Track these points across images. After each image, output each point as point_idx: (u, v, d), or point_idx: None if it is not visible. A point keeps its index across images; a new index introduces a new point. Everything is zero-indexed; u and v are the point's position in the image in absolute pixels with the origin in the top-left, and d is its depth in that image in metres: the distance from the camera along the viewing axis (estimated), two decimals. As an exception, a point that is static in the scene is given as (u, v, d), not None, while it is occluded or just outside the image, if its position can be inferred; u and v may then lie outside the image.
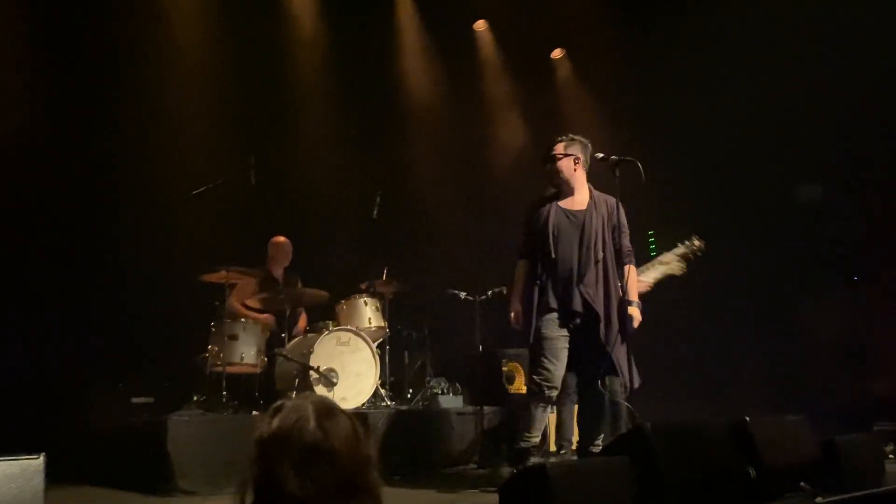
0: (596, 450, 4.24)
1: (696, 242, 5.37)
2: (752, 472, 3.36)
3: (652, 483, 3.01)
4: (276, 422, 1.54)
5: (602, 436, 4.32)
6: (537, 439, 4.28)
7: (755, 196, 7.19)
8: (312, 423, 1.52)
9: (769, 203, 6.96)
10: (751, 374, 6.29)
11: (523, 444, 4.24)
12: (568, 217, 4.38)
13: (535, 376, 4.22)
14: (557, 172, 4.41)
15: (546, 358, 4.19)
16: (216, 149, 6.77)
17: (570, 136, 4.47)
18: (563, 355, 4.23)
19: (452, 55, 8.53)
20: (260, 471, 1.51)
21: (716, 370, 6.96)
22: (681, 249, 5.42)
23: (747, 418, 3.52)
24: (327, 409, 1.58)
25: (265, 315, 6.19)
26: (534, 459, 4.17)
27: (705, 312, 6.79)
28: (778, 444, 3.53)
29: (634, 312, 4.32)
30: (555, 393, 4.24)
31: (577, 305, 4.26)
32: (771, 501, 3.32)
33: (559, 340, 4.22)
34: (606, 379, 5.48)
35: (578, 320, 4.29)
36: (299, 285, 6.33)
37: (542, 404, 4.24)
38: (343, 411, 1.60)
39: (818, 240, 6.61)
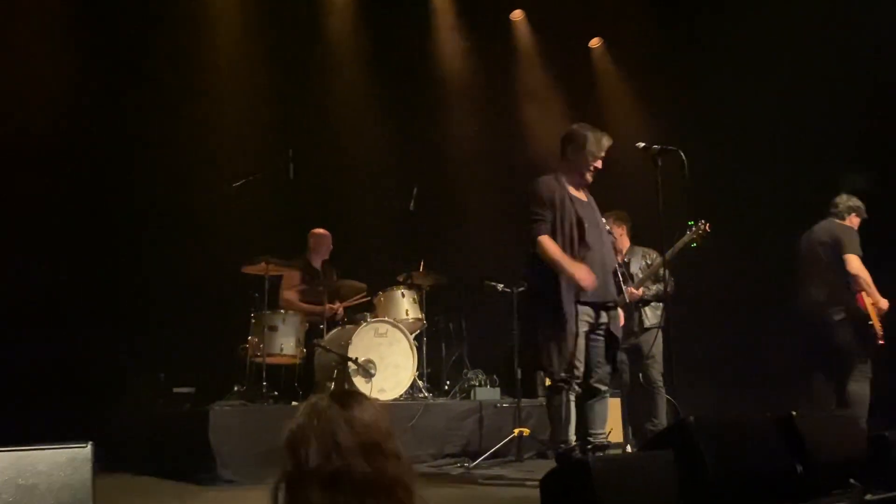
0: (601, 440, 4.18)
1: (703, 226, 5.32)
2: (800, 468, 3.28)
3: (696, 478, 2.94)
4: (297, 418, 1.59)
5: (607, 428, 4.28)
6: (574, 436, 4.18)
7: (800, 184, 7.02)
8: (327, 402, 1.58)
9: (815, 191, 6.79)
10: (799, 368, 6.13)
11: (565, 446, 4.11)
12: (582, 205, 4.25)
13: (565, 374, 4.04)
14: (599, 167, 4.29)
15: (577, 356, 4.05)
16: (255, 142, 6.84)
17: None
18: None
19: (490, 46, 8.48)
20: (289, 460, 1.54)
21: (763, 363, 6.83)
22: (687, 236, 5.35)
23: (794, 413, 3.44)
24: (345, 394, 1.63)
25: (327, 306, 6.18)
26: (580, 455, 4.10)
27: (753, 304, 6.67)
28: (826, 440, 3.43)
29: None
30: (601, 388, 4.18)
31: (611, 296, 4.20)
32: (819, 498, 3.23)
33: (584, 336, 4.11)
34: (647, 370, 5.47)
35: (605, 311, 4.20)
36: (335, 277, 6.37)
37: (572, 401, 4.13)
38: (369, 401, 1.64)
39: (866, 229, 6.42)
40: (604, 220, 5.05)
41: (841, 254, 5.34)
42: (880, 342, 5.29)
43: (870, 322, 5.26)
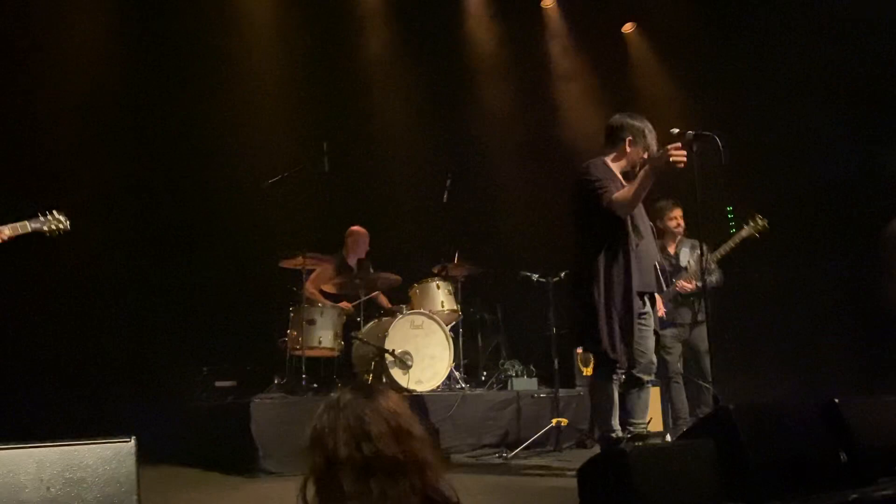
0: (640, 430, 4.17)
1: (760, 222, 5.50)
2: (843, 456, 3.22)
3: (736, 467, 2.91)
4: (321, 415, 1.64)
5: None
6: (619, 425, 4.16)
7: (842, 170, 6.86)
8: (350, 396, 1.65)
9: (858, 179, 6.64)
10: (845, 354, 6.02)
11: (614, 435, 4.08)
12: None
13: (625, 360, 4.05)
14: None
15: (628, 343, 4.05)
16: (291, 137, 6.90)
17: None
18: None
19: (522, 34, 8.42)
20: (317, 456, 1.59)
21: (808, 351, 6.71)
22: (745, 231, 5.52)
23: (837, 399, 3.38)
24: (366, 386, 1.71)
25: (343, 302, 6.28)
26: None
27: (796, 291, 6.55)
28: (871, 426, 3.37)
29: None
30: (644, 378, 4.17)
31: (654, 287, 4.22)
32: (863, 486, 3.17)
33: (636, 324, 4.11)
34: (704, 362, 5.48)
35: (650, 301, 4.22)
36: (371, 271, 6.40)
37: (617, 390, 4.12)
38: (390, 391, 1.70)
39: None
40: (676, 210, 5.46)
41: None
42: None
43: None
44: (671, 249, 5.75)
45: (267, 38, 7.27)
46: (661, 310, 4.43)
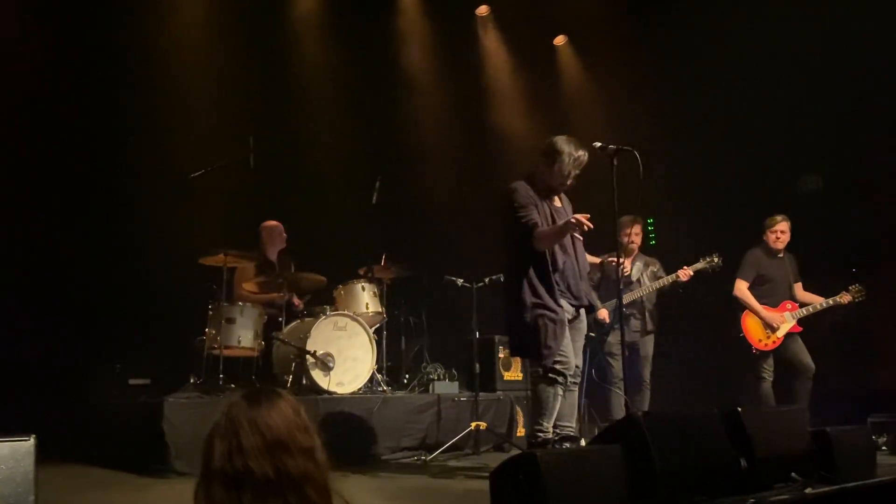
0: (568, 432, 4.29)
1: (716, 259, 5.85)
2: (743, 463, 3.37)
3: (644, 472, 3.02)
4: (217, 418, 1.61)
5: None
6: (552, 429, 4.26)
7: (756, 187, 7.18)
8: (237, 402, 1.59)
9: (770, 195, 6.95)
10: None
11: (542, 436, 4.20)
12: (556, 211, 4.38)
13: (556, 365, 4.16)
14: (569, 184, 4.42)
15: (564, 347, 4.19)
16: (216, 132, 6.75)
17: None
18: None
19: (454, 40, 8.48)
20: (202, 462, 1.58)
21: (713, 362, 6.97)
22: (700, 265, 5.87)
23: (739, 409, 3.54)
24: (255, 393, 1.62)
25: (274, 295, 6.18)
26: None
27: (703, 303, 6.79)
28: (770, 435, 3.55)
29: None
30: (569, 380, 4.26)
31: (584, 300, 4.38)
32: (761, 492, 3.33)
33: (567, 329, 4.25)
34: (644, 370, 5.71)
35: (581, 312, 4.39)
36: (293, 269, 6.34)
37: (561, 395, 4.23)
38: (282, 398, 1.62)
39: (817, 231, 6.60)
40: (633, 227, 5.84)
41: None
42: None
43: None
44: (626, 263, 5.98)
45: (195, 29, 7.09)
46: (606, 316, 4.79)
